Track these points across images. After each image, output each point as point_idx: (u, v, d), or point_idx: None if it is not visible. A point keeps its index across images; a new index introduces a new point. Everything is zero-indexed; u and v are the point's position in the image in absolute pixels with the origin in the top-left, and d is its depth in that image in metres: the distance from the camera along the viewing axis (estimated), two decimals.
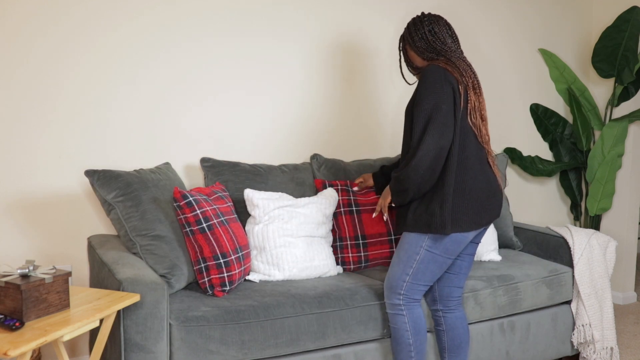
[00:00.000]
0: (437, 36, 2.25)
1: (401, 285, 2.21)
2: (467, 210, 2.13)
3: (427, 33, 2.25)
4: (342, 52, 3.19)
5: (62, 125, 2.61)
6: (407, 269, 2.19)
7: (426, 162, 2.08)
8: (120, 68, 2.70)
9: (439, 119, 2.09)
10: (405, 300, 2.22)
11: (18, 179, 2.54)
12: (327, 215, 2.63)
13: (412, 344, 2.22)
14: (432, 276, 2.20)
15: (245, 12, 2.94)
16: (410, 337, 2.22)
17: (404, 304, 2.22)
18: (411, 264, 2.18)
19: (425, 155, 2.08)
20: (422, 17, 2.28)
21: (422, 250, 2.16)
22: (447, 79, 2.13)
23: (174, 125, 2.82)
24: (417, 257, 2.17)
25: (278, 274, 2.45)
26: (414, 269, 2.18)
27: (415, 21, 2.29)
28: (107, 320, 1.88)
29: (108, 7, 2.65)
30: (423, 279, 2.20)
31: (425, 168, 2.09)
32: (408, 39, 2.31)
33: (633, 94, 3.64)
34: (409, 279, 2.20)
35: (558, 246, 2.91)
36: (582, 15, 3.95)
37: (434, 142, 2.08)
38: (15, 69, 2.51)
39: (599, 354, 2.76)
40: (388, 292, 2.25)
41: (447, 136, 2.09)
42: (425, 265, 2.17)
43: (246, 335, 2.08)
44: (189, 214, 2.21)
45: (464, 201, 2.13)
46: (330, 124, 3.19)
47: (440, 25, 2.27)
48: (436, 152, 2.08)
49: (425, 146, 2.08)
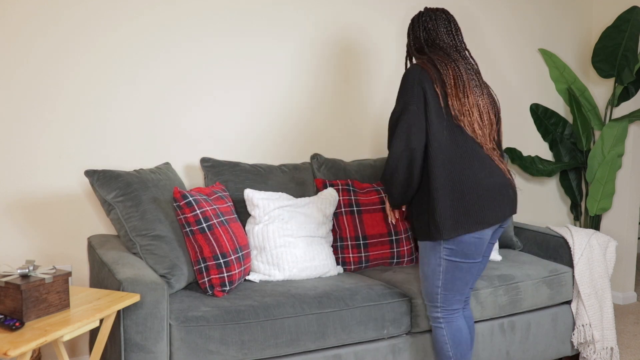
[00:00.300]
0: (429, 32, 2.21)
1: (436, 299, 2.19)
2: (467, 211, 2.06)
3: (421, 30, 2.23)
4: (343, 52, 3.19)
5: (62, 125, 2.61)
6: (436, 281, 2.17)
7: (397, 164, 2.07)
8: (120, 68, 2.70)
9: (406, 121, 2.05)
10: (444, 313, 2.20)
11: (18, 179, 2.54)
12: (327, 215, 2.63)
13: (452, 356, 2.20)
14: (462, 283, 2.17)
15: (245, 12, 2.94)
16: (450, 349, 2.20)
17: (442, 317, 2.20)
18: (438, 276, 2.16)
19: (396, 158, 2.07)
20: (420, 14, 2.25)
21: (443, 262, 2.13)
22: (420, 80, 2.08)
23: (174, 125, 2.82)
24: (440, 268, 2.14)
25: (278, 274, 2.45)
26: (442, 280, 2.16)
27: (413, 19, 2.27)
28: (107, 320, 1.88)
29: (108, 7, 2.65)
30: (454, 288, 2.17)
31: (399, 170, 2.08)
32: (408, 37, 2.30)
33: (633, 94, 3.64)
34: (440, 291, 2.18)
35: (558, 246, 2.91)
36: (582, 15, 3.95)
37: (402, 145, 2.06)
38: (15, 69, 2.51)
39: (599, 354, 2.75)
40: (427, 306, 2.25)
41: (417, 137, 2.05)
42: (452, 274, 2.14)
43: (246, 336, 2.08)
44: (188, 214, 2.21)
45: (462, 202, 2.05)
46: (331, 124, 3.19)
47: (437, 20, 2.21)
48: (407, 154, 2.06)
49: (394, 149, 2.07)
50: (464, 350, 2.21)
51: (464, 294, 2.20)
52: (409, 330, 2.41)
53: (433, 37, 2.20)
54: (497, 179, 2.11)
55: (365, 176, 3.01)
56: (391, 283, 2.53)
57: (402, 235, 2.77)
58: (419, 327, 2.41)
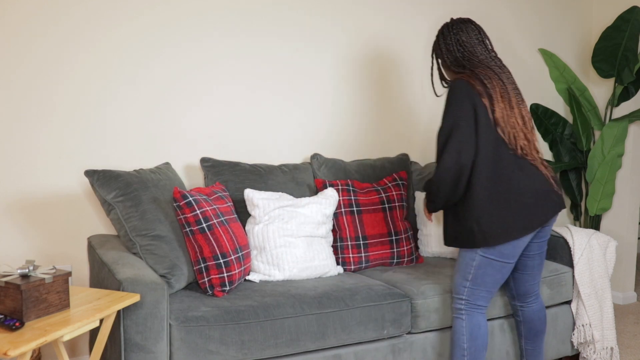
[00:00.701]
0: (465, 46, 2.27)
1: (462, 291, 2.26)
2: (515, 218, 2.14)
3: (455, 44, 2.28)
4: (344, 52, 3.19)
5: (62, 125, 2.61)
6: (467, 274, 2.23)
7: (446, 178, 2.14)
8: (120, 68, 2.70)
9: (457, 137, 2.12)
10: (466, 306, 2.25)
11: (18, 179, 2.54)
12: (327, 215, 2.63)
13: (467, 349, 2.24)
14: (493, 281, 2.22)
15: (245, 12, 2.94)
16: (466, 341, 2.24)
17: (465, 309, 2.26)
18: (469, 270, 2.22)
19: (445, 172, 2.13)
20: (450, 26, 2.30)
21: (477, 257, 2.20)
22: (469, 94, 2.14)
23: (174, 125, 2.82)
24: (474, 262, 2.21)
25: (278, 274, 2.45)
26: (472, 274, 2.22)
27: (443, 32, 2.31)
28: (107, 320, 1.88)
29: (108, 7, 2.65)
30: (483, 284, 2.22)
31: (446, 184, 2.15)
32: (438, 51, 2.34)
33: (633, 94, 3.64)
34: (469, 285, 2.24)
35: (558, 246, 2.91)
36: (582, 15, 3.95)
37: (452, 160, 2.12)
38: (15, 69, 2.51)
39: (599, 354, 2.75)
40: (452, 298, 2.31)
41: (467, 153, 2.12)
42: (483, 270, 2.20)
43: (246, 336, 2.08)
44: (188, 214, 2.21)
45: (510, 211, 2.14)
46: (331, 123, 3.19)
47: (469, 32, 2.28)
48: (456, 168, 2.12)
49: (444, 164, 2.13)
50: (479, 346, 2.25)
51: (492, 292, 2.26)
52: (409, 330, 2.41)
53: (470, 50, 2.26)
54: (541, 187, 2.19)
55: (365, 176, 3.01)
56: (391, 283, 2.53)
57: (402, 235, 2.77)
58: (418, 327, 2.41)
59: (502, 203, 2.14)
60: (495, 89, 2.17)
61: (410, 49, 3.37)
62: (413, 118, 3.41)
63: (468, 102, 2.14)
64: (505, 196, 2.14)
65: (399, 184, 2.89)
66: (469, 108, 2.14)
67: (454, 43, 2.27)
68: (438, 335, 2.46)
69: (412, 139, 3.42)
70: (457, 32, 2.27)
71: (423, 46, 3.40)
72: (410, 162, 3.25)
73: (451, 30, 2.28)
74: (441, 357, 2.47)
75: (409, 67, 3.37)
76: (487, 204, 2.14)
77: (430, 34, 3.42)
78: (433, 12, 3.42)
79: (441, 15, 3.44)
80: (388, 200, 2.81)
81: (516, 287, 2.42)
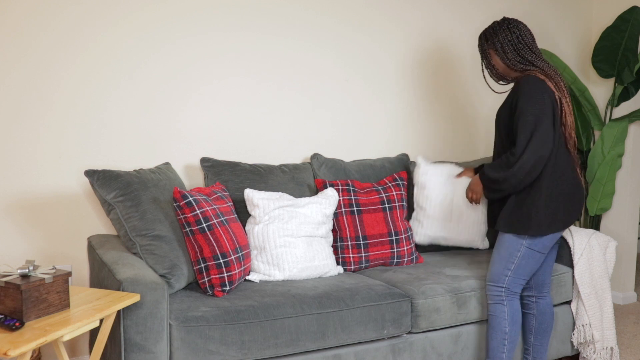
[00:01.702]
0: (527, 44, 2.39)
1: (503, 280, 2.41)
2: (562, 212, 2.34)
3: (518, 42, 2.39)
4: (345, 50, 3.19)
5: (62, 125, 2.61)
6: (509, 264, 2.39)
7: (526, 169, 2.27)
8: (119, 68, 2.70)
9: (541, 130, 2.25)
10: (506, 293, 2.42)
11: (18, 179, 2.54)
12: (327, 215, 2.63)
13: (508, 333, 2.40)
14: (530, 271, 2.42)
15: (246, 8, 2.94)
16: (507, 325, 2.40)
17: (505, 296, 2.42)
18: (513, 261, 2.38)
19: (527, 163, 2.27)
20: (508, 25, 2.40)
21: (523, 248, 2.37)
22: (546, 90, 2.29)
23: (174, 125, 2.82)
24: (518, 254, 2.38)
25: (278, 274, 2.45)
26: (515, 265, 2.39)
27: (503, 29, 2.40)
28: (107, 320, 1.88)
29: (105, 5, 2.65)
30: (523, 274, 2.41)
31: (525, 174, 2.28)
32: (493, 47, 2.43)
33: (633, 94, 3.64)
34: (510, 274, 2.40)
35: (558, 246, 2.91)
36: (582, 15, 3.95)
37: (535, 152, 2.26)
38: (14, 69, 2.51)
39: (599, 354, 2.75)
40: (490, 285, 2.45)
41: (548, 146, 2.26)
42: (526, 261, 2.38)
43: (246, 336, 2.08)
44: (188, 214, 2.21)
45: (558, 204, 2.34)
46: (331, 123, 3.19)
47: (527, 31, 2.41)
48: (536, 160, 2.26)
49: (527, 155, 2.26)
50: (517, 331, 2.43)
51: (527, 280, 2.44)
52: (409, 330, 2.41)
53: (531, 48, 2.40)
54: (581, 188, 2.41)
55: (365, 176, 3.01)
56: (391, 283, 2.53)
57: (402, 235, 2.77)
58: (419, 327, 2.41)
59: (557, 196, 2.33)
60: (562, 86, 2.34)
61: (410, 49, 3.37)
62: (413, 118, 3.41)
63: (547, 97, 2.28)
64: (559, 190, 2.33)
65: (399, 184, 2.89)
66: (548, 103, 2.28)
67: (515, 40, 2.39)
68: (438, 335, 2.46)
69: (412, 139, 3.42)
70: (518, 30, 2.39)
71: (423, 44, 3.40)
72: (410, 162, 3.25)
73: (512, 29, 2.40)
74: (441, 357, 2.47)
75: (410, 66, 3.37)
76: (546, 195, 2.31)
77: (416, 32, 3.42)
78: (428, 9, 3.42)
79: (436, 14, 3.44)
80: (388, 200, 2.81)
81: (535, 278, 2.55)
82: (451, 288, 2.48)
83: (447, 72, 3.49)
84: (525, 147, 2.26)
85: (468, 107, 3.57)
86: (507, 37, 2.39)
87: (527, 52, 2.39)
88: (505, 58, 2.41)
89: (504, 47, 2.40)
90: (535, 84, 2.29)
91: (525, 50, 2.39)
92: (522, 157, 2.26)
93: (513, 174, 2.29)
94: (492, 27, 2.43)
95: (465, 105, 3.56)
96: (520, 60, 2.40)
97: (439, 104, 3.48)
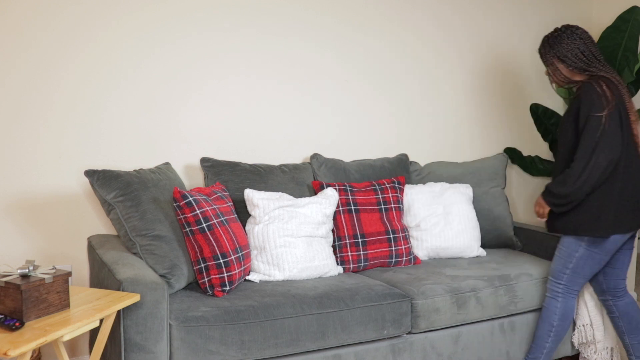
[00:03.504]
0: (590, 49, 2.44)
1: (562, 277, 2.50)
2: (627, 215, 2.38)
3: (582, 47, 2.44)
4: (345, 50, 3.19)
5: (62, 125, 2.61)
6: (568, 264, 2.47)
7: (597, 174, 2.31)
8: (118, 67, 2.70)
9: (609, 134, 2.28)
10: (564, 289, 2.50)
11: (18, 179, 2.54)
12: (327, 215, 2.63)
13: (555, 327, 2.50)
14: (590, 271, 2.45)
15: (245, 9, 2.94)
16: (556, 320, 2.50)
17: (562, 292, 2.50)
18: (571, 260, 2.46)
19: (597, 168, 2.30)
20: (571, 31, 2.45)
21: (581, 249, 2.43)
22: (610, 96, 2.32)
23: (174, 125, 2.82)
24: (577, 254, 2.44)
25: (278, 274, 2.45)
26: (574, 264, 2.45)
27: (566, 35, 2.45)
28: (107, 320, 1.88)
29: (107, 5, 2.65)
30: (582, 273, 2.46)
31: (595, 180, 2.32)
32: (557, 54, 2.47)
33: (633, 94, 3.64)
34: (568, 272, 2.47)
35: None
36: (582, 16, 3.95)
37: (605, 156, 2.29)
38: (14, 69, 2.51)
39: (599, 354, 2.75)
40: (551, 279, 2.54)
41: (617, 149, 2.30)
42: (584, 261, 2.44)
43: (246, 336, 2.08)
44: (188, 214, 2.21)
45: (625, 207, 2.37)
46: (331, 123, 3.19)
47: (588, 38, 2.45)
48: (606, 164, 2.30)
49: (596, 160, 2.29)
50: (566, 327, 2.51)
51: (587, 279, 2.48)
52: (409, 330, 2.41)
53: (595, 55, 2.45)
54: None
55: (365, 176, 3.01)
56: (391, 283, 2.53)
57: (400, 234, 2.77)
58: (419, 327, 2.41)
59: (624, 199, 2.36)
60: (624, 91, 2.37)
61: (411, 48, 3.37)
62: (413, 117, 3.41)
63: (613, 101, 2.32)
64: (627, 193, 2.37)
65: (396, 187, 2.89)
66: (613, 107, 2.31)
67: (584, 48, 2.44)
68: (438, 335, 2.46)
69: (412, 139, 3.42)
70: (582, 37, 2.45)
71: (423, 44, 3.40)
72: (410, 162, 3.25)
73: (575, 36, 2.45)
74: (441, 357, 2.47)
75: (410, 66, 3.37)
76: (614, 197, 2.34)
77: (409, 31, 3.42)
78: (425, 9, 3.42)
79: (436, 13, 3.44)
80: (384, 201, 2.81)
81: (606, 282, 2.58)
82: (451, 288, 2.48)
83: (447, 71, 3.49)
84: (593, 152, 2.29)
85: (468, 106, 3.57)
86: (572, 44, 2.44)
87: (591, 58, 2.44)
88: (570, 65, 2.46)
89: (568, 54, 2.45)
90: (599, 87, 2.33)
91: (589, 56, 2.44)
92: (590, 162, 2.29)
93: (585, 182, 2.31)
94: (556, 35, 2.49)
95: (466, 105, 3.56)
96: (585, 66, 2.44)
97: (439, 104, 3.48)
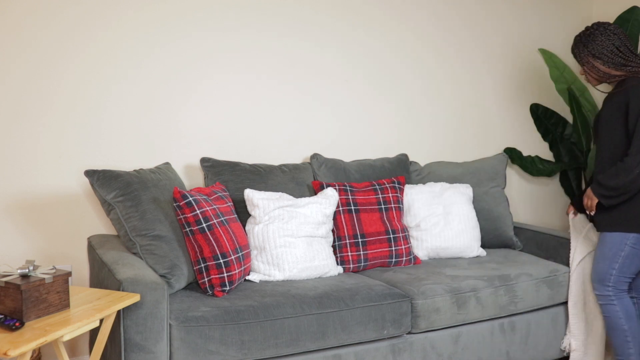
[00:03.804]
0: (626, 44, 2.47)
1: (609, 278, 2.49)
2: None
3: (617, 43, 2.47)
4: (348, 50, 3.19)
5: (62, 125, 2.61)
6: (614, 264, 2.47)
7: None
8: (119, 68, 2.70)
9: None
10: (614, 291, 2.49)
11: (18, 179, 2.54)
12: (327, 215, 2.63)
13: (628, 330, 2.47)
14: (636, 269, 2.48)
15: (245, 8, 2.94)
16: (625, 323, 2.47)
17: (613, 294, 2.49)
18: (617, 259, 2.46)
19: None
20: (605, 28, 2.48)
21: (627, 247, 2.44)
22: None
23: (173, 125, 2.82)
24: (622, 253, 2.45)
25: (278, 274, 2.45)
26: (620, 263, 2.46)
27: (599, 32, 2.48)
28: (107, 320, 1.88)
29: (107, 5, 2.65)
30: (628, 272, 2.48)
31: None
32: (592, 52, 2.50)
33: None
34: (615, 272, 2.47)
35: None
36: (582, 16, 3.95)
37: None
38: (14, 69, 2.51)
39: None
40: (597, 285, 2.52)
41: None
42: (631, 260, 2.45)
43: (246, 336, 2.08)
44: (188, 214, 2.21)
45: None
46: (331, 123, 3.19)
47: (622, 33, 2.48)
48: None
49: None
50: (635, 325, 2.49)
51: (632, 278, 2.49)
52: (409, 330, 2.41)
53: (631, 49, 2.48)
54: None
55: (365, 176, 3.01)
56: (391, 283, 2.53)
57: (400, 234, 2.77)
58: (419, 327, 2.41)
59: None
60: None
61: (412, 48, 3.37)
62: (413, 117, 3.41)
63: None
64: None
65: (396, 187, 2.89)
66: None
67: (619, 43, 2.47)
68: (438, 335, 2.46)
69: (412, 139, 3.42)
70: (615, 33, 2.47)
71: (423, 44, 3.40)
72: (410, 162, 3.25)
73: (609, 33, 2.47)
74: (441, 357, 2.47)
75: (410, 66, 3.37)
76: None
77: (415, 31, 3.42)
78: (423, 9, 3.42)
79: (437, 11, 3.44)
80: (384, 201, 2.82)
81: (634, 280, 2.58)
82: (451, 288, 2.48)
83: (447, 71, 3.49)
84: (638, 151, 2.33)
85: (468, 106, 3.57)
86: (607, 40, 2.47)
87: (627, 53, 2.47)
88: (607, 62, 2.48)
89: (604, 51, 2.48)
90: None
91: (625, 51, 2.47)
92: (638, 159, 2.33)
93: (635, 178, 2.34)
94: (589, 33, 2.51)
95: (466, 105, 3.56)
96: (623, 61, 2.47)
97: (439, 104, 3.48)
